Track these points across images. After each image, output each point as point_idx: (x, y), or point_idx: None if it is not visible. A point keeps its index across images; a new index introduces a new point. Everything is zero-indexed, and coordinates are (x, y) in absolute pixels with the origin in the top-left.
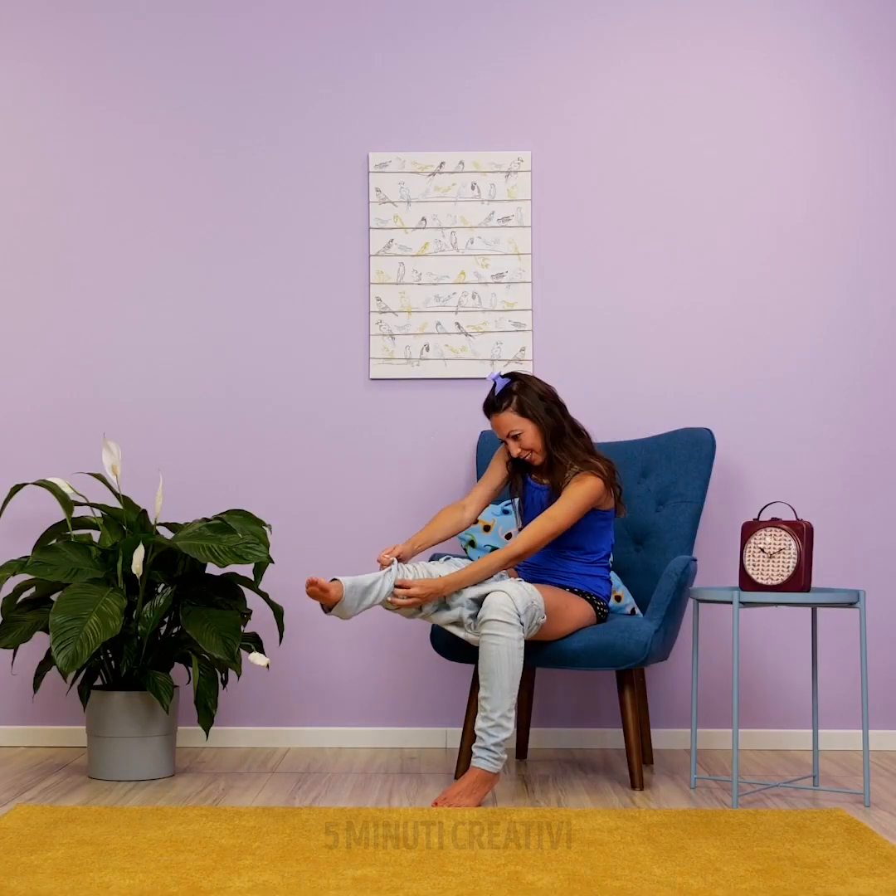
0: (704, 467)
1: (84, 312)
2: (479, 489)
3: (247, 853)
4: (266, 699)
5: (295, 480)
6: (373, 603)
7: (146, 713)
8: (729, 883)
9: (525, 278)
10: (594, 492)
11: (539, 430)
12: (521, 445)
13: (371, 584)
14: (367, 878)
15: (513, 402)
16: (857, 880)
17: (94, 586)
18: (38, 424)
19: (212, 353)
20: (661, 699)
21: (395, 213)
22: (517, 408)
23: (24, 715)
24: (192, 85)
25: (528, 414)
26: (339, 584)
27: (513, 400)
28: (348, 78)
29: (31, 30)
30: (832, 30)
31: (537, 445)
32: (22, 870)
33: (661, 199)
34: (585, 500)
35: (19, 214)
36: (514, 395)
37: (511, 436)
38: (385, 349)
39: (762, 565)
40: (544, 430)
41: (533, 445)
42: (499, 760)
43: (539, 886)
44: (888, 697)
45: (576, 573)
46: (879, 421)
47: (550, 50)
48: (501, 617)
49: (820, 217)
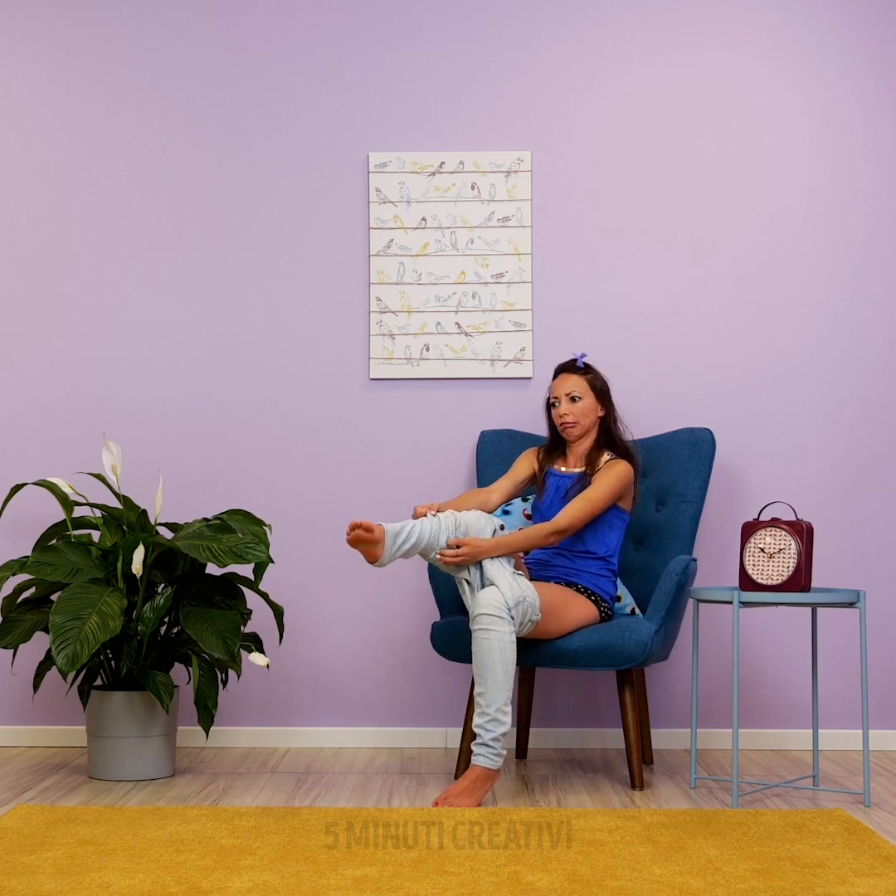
0: (704, 467)
1: (84, 312)
2: (503, 481)
3: (247, 853)
4: (266, 699)
5: (295, 480)
6: (412, 549)
7: (146, 713)
8: (729, 883)
9: (525, 278)
10: (625, 477)
11: (595, 407)
12: (573, 410)
13: (410, 529)
14: (367, 878)
15: (589, 374)
16: (857, 880)
17: (94, 586)
18: (38, 424)
19: (212, 352)
20: (662, 699)
21: (395, 213)
22: (590, 380)
23: (24, 715)
24: (192, 85)
25: (595, 388)
26: (381, 527)
27: (589, 373)
28: (348, 78)
29: (31, 29)
30: (832, 30)
31: (586, 420)
32: (22, 870)
33: (661, 199)
34: (618, 485)
35: (20, 215)
36: (592, 372)
37: (571, 396)
38: (385, 349)
39: (762, 565)
40: (599, 409)
41: (582, 415)
42: (498, 756)
43: (539, 886)
44: (888, 697)
45: (584, 571)
46: (879, 421)
47: (550, 50)
48: (491, 611)
49: (820, 217)
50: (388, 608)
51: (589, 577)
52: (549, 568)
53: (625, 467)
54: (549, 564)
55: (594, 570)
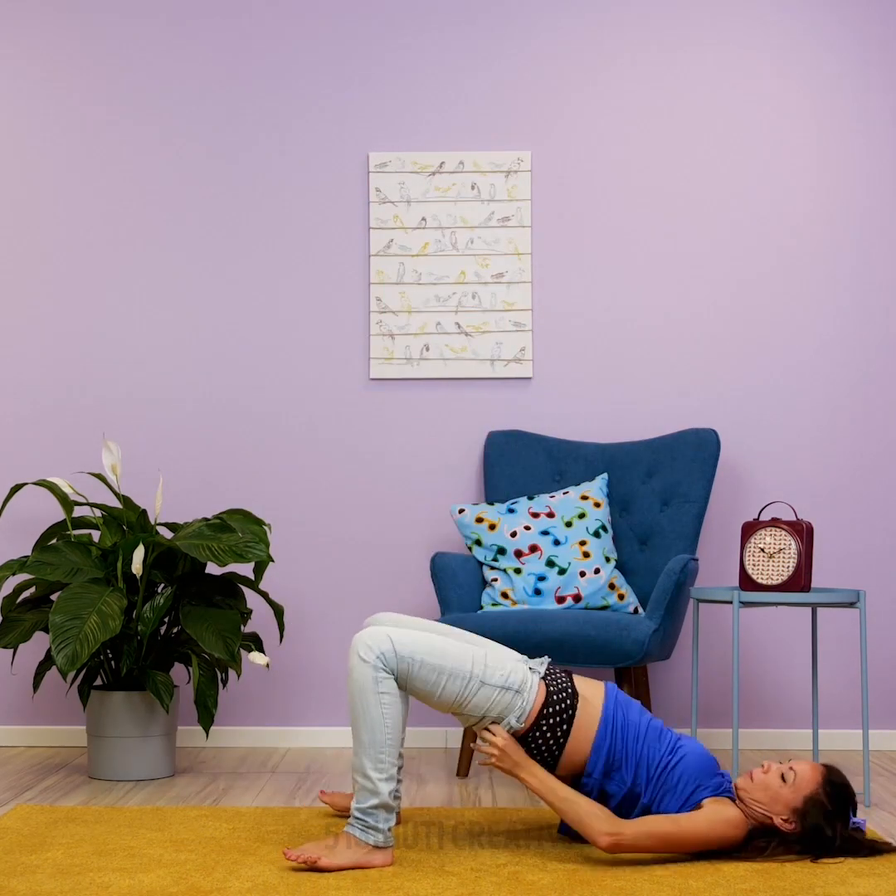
0: (708, 468)
1: (84, 313)
2: None
3: (247, 853)
4: (266, 699)
5: (295, 480)
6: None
7: (146, 713)
8: (729, 883)
9: (525, 278)
10: (733, 831)
11: None
12: None
13: None
14: (367, 878)
15: None
16: (857, 880)
17: (94, 586)
18: (38, 424)
19: (212, 352)
20: (662, 699)
21: (395, 213)
22: None
23: (24, 715)
24: (192, 85)
25: None
26: None
27: None
28: (348, 78)
29: (31, 31)
30: (833, 30)
31: None
32: (22, 870)
33: (662, 199)
34: (723, 833)
35: (20, 215)
36: None
37: None
38: (385, 349)
39: (762, 565)
40: None
41: None
42: (374, 831)
43: (539, 886)
44: (888, 697)
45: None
46: (880, 421)
47: (550, 50)
48: (362, 653)
49: (820, 218)
50: (388, 607)
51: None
52: None
53: (738, 819)
54: None
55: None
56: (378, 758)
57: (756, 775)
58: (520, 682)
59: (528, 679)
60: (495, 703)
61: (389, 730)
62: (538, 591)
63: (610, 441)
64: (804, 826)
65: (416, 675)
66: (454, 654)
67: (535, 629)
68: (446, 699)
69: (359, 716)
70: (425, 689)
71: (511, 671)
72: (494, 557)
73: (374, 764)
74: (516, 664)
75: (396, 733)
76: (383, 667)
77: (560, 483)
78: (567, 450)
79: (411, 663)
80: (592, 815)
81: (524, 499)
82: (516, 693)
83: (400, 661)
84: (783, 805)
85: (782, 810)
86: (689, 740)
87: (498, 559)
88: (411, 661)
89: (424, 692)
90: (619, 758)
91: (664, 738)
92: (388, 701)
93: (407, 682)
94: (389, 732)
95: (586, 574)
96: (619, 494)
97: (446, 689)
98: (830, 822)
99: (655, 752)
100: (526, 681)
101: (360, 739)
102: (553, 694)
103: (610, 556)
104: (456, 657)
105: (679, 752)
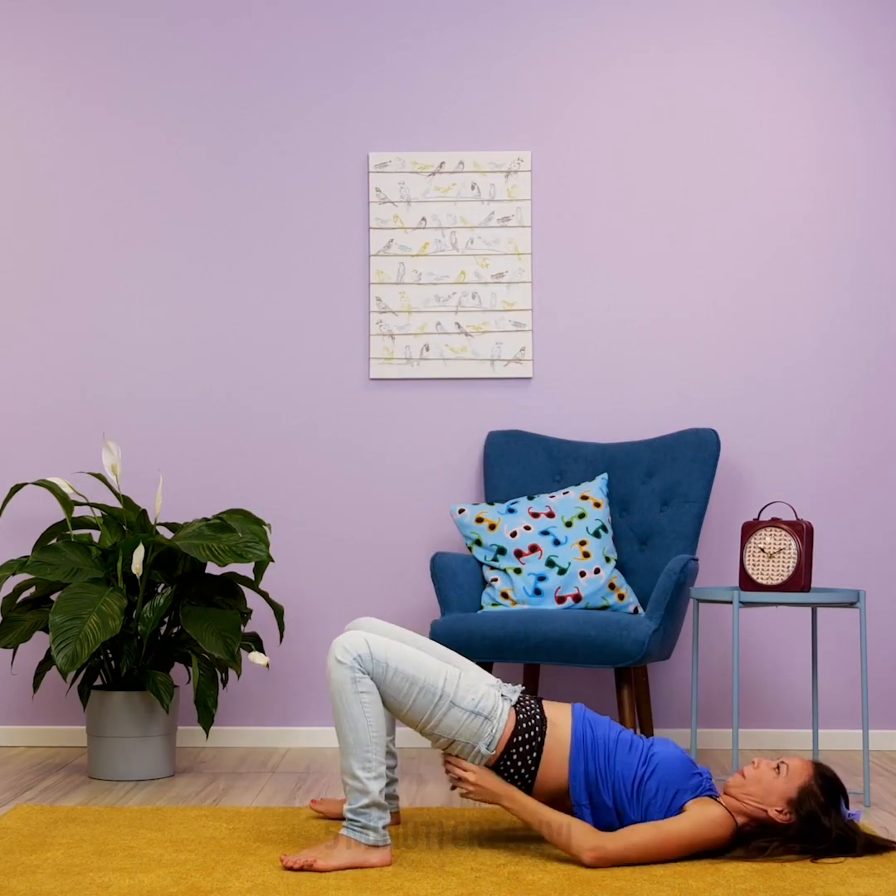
0: (708, 468)
1: (84, 313)
2: None
3: (247, 853)
4: (266, 699)
5: (295, 480)
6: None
7: (146, 713)
8: (729, 883)
9: (525, 278)
10: (719, 831)
11: None
12: None
13: None
14: (367, 878)
15: None
16: (857, 880)
17: (94, 586)
18: (38, 424)
19: (212, 352)
20: (662, 699)
21: (395, 213)
22: None
23: (24, 715)
24: (192, 85)
25: None
26: None
27: None
28: (348, 78)
29: (31, 31)
30: (832, 30)
31: None
32: (22, 870)
33: (662, 199)
34: (708, 834)
35: (20, 216)
36: None
37: None
38: (385, 349)
39: (762, 565)
40: None
41: None
42: (369, 830)
43: (539, 886)
44: (888, 697)
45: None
46: (879, 421)
47: (550, 50)
48: (338, 654)
49: (821, 218)
50: (388, 607)
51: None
52: None
53: (722, 820)
54: None
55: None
56: (365, 757)
57: (748, 772)
58: (490, 708)
59: (498, 706)
60: (465, 727)
61: (373, 728)
62: (538, 591)
63: (610, 441)
64: (800, 815)
65: (390, 681)
66: (428, 667)
67: (535, 629)
68: (415, 713)
69: (341, 717)
70: (397, 698)
71: (483, 696)
72: (494, 557)
73: (362, 763)
74: (489, 689)
75: (381, 731)
76: (360, 667)
77: (560, 483)
78: (567, 450)
79: (386, 669)
80: (574, 833)
81: (524, 499)
82: (486, 719)
83: (375, 665)
84: (777, 796)
85: (777, 801)
86: (661, 744)
87: (498, 559)
88: (386, 666)
89: (396, 702)
90: (594, 779)
91: (635, 749)
92: (368, 700)
93: (380, 687)
94: (374, 731)
95: (586, 574)
96: (619, 494)
97: (416, 702)
98: (825, 810)
99: (628, 767)
100: (496, 707)
101: (345, 741)
102: (522, 722)
103: (610, 556)
104: (429, 671)
105: (652, 760)
